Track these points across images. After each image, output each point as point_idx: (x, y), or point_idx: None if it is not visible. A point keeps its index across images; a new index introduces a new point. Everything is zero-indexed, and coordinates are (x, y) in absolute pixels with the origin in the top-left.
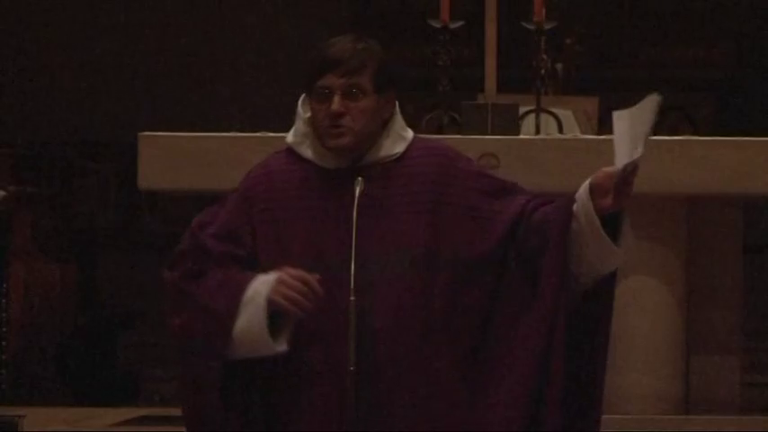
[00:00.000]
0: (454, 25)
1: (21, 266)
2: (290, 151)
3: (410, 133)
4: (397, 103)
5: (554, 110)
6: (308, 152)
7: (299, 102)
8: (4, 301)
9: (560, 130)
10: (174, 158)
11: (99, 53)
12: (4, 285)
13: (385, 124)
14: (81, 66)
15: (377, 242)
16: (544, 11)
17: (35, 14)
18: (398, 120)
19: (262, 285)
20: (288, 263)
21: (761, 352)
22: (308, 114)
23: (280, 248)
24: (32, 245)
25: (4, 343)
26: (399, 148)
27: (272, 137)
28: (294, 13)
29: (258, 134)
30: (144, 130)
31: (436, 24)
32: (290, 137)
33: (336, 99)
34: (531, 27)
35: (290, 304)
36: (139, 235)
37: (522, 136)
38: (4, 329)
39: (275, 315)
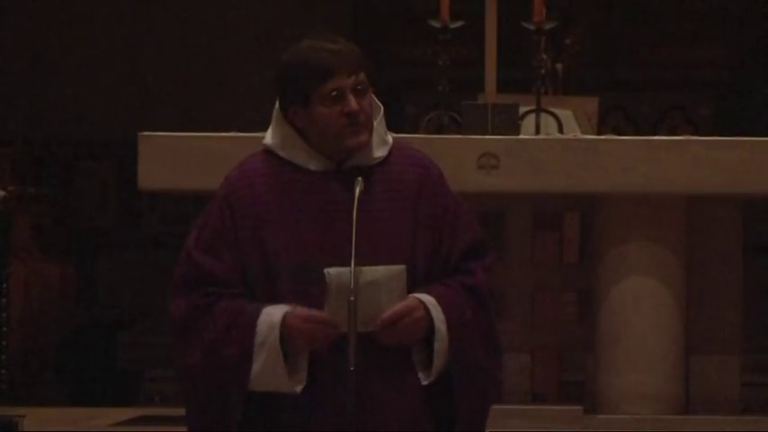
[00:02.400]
0: (454, 25)
1: (21, 266)
2: (269, 153)
3: (390, 138)
4: (381, 107)
5: (554, 110)
6: (292, 155)
7: (276, 108)
8: (4, 300)
9: (560, 130)
10: (174, 158)
11: (99, 53)
12: (4, 285)
13: None
14: (81, 66)
15: (366, 245)
16: (544, 11)
17: (35, 14)
18: (383, 123)
19: (271, 330)
20: (274, 267)
21: (761, 352)
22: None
23: (264, 253)
24: (32, 245)
25: (4, 343)
26: (382, 152)
27: None
28: (295, 14)
29: (258, 134)
30: (144, 130)
31: (436, 24)
32: (268, 139)
33: (351, 98)
34: (531, 27)
35: (308, 346)
36: (139, 235)
37: (522, 136)
38: (4, 329)
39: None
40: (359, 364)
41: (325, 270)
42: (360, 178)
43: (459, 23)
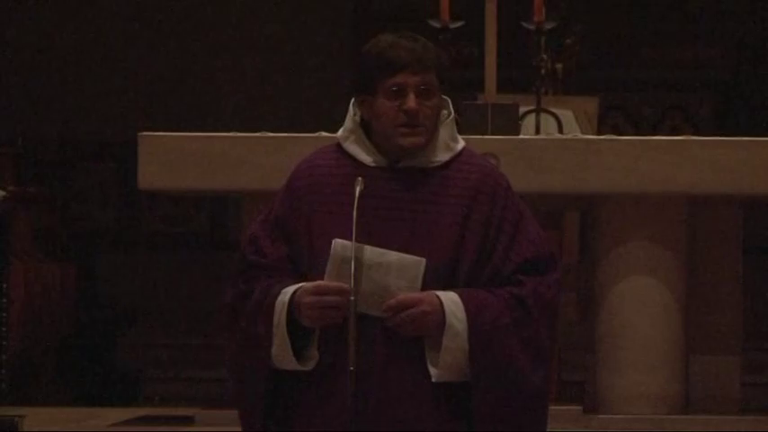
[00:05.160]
0: (454, 25)
1: (21, 266)
2: (338, 146)
3: (460, 144)
4: (453, 112)
5: (554, 110)
6: (352, 148)
7: (352, 101)
8: (4, 300)
9: (560, 130)
10: (174, 158)
11: (99, 53)
12: (4, 285)
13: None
14: (81, 66)
15: (407, 243)
16: (544, 11)
17: (35, 14)
18: (450, 128)
19: (282, 308)
20: (316, 257)
21: (761, 352)
22: (357, 115)
23: (310, 242)
24: (32, 245)
25: (4, 343)
26: (442, 156)
27: (272, 137)
28: (295, 14)
29: (258, 134)
30: (144, 130)
31: (436, 24)
32: (339, 132)
33: (412, 96)
34: (531, 27)
35: (318, 318)
36: (139, 235)
37: (522, 136)
38: (4, 329)
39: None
40: (360, 364)
41: (333, 240)
42: (360, 178)
43: (459, 23)
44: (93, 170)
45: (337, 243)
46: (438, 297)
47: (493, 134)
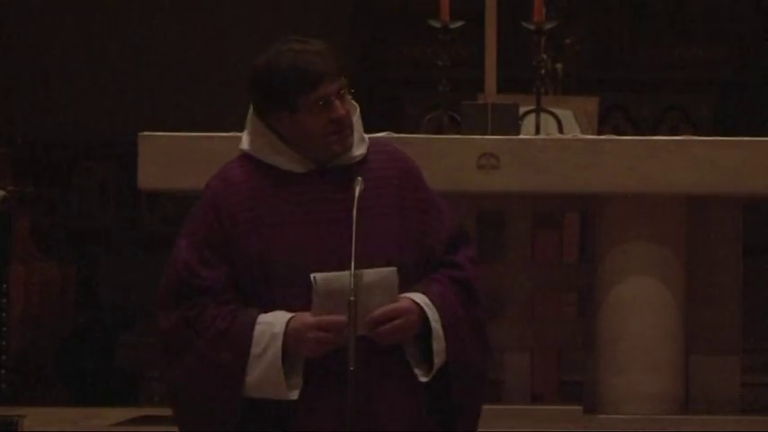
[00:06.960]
0: (454, 25)
1: (21, 266)
2: (247, 159)
3: (365, 135)
4: (357, 106)
5: (554, 110)
6: (275, 159)
7: (252, 113)
8: (4, 300)
9: (560, 130)
10: (174, 158)
11: (99, 53)
12: (4, 285)
13: None
14: (81, 66)
15: (358, 243)
16: (544, 11)
17: (35, 14)
18: (360, 122)
19: (273, 340)
20: (267, 271)
21: (761, 352)
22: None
23: (257, 257)
24: (32, 245)
25: (4, 343)
26: (361, 150)
27: None
28: (294, 13)
29: None
30: (144, 130)
31: (436, 24)
32: (246, 145)
33: (338, 104)
34: (531, 27)
35: (313, 354)
36: (139, 235)
37: (522, 136)
38: (4, 329)
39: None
40: (358, 365)
41: (312, 276)
42: (360, 178)
43: (459, 23)
44: (93, 170)
45: (318, 277)
46: (415, 302)
47: (493, 134)
